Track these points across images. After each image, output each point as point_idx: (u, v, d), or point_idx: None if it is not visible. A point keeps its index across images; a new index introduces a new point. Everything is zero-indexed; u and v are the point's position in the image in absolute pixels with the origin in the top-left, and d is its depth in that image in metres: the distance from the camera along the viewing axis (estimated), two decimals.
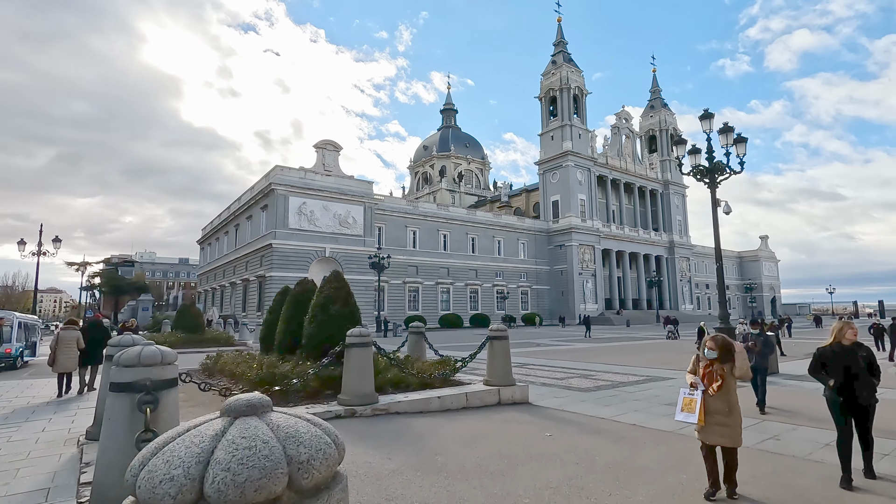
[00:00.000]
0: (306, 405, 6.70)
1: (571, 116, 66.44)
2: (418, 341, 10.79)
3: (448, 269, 55.88)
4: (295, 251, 41.65)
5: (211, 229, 64.13)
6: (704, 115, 11.72)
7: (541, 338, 30.90)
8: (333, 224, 44.06)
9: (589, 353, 19.37)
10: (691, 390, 4.16)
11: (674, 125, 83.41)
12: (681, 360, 15.65)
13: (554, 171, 66.81)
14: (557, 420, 6.92)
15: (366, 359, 6.72)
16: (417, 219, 54.03)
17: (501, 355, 8.26)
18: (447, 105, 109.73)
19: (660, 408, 7.81)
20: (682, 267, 79.79)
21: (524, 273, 63.07)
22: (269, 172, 42.80)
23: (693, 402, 4.10)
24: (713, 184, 11.69)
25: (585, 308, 62.09)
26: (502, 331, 8.34)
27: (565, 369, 13.41)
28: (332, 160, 45.02)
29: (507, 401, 8.05)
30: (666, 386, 10.19)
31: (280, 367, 7.46)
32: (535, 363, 15.27)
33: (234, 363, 9.23)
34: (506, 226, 62.14)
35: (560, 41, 71.91)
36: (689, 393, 4.17)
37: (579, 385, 10.39)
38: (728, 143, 11.18)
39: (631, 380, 11.17)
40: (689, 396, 4.16)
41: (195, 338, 21.94)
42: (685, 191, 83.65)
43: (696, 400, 4.08)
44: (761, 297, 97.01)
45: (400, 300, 51.81)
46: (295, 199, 42.07)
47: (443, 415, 7.04)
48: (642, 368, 13.52)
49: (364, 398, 6.62)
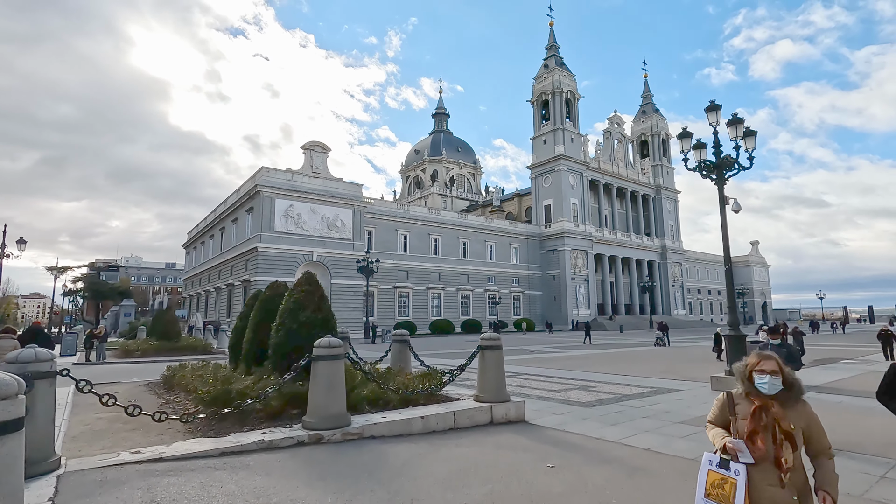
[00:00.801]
0: (265, 428, 5.68)
1: (564, 120, 66.01)
2: (402, 350, 9.79)
3: (439, 273, 54.89)
4: (281, 255, 40.45)
5: (197, 233, 62.66)
6: (710, 108, 10.91)
7: (534, 344, 29.98)
8: (321, 227, 42.95)
9: (585, 360, 18.48)
10: (726, 462, 2.32)
11: (665, 130, 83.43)
12: (683, 369, 14.79)
13: (546, 176, 66.25)
14: (559, 444, 5.97)
15: (336, 373, 5.73)
16: (408, 223, 53.04)
17: (494, 367, 7.30)
18: (439, 109, 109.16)
19: (673, 427, 6.89)
20: (675, 272, 79.50)
21: (516, 278, 62.25)
22: (255, 174, 41.65)
23: (729, 485, 2.26)
24: (721, 180, 10.87)
25: (578, 314, 61.38)
26: (494, 339, 7.39)
27: (562, 380, 12.47)
28: (321, 162, 43.97)
29: (501, 419, 7.08)
30: (674, 399, 9.28)
31: (237, 383, 6.43)
32: (530, 372, 14.32)
33: (192, 376, 8.17)
34: (498, 230, 61.35)
35: (552, 45, 71.64)
36: (722, 466, 2.33)
37: (579, 398, 9.46)
38: (738, 136, 10.36)
39: (634, 392, 10.26)
40: (723, 474, 2.31)
41: (170, 345, 20.72)
42: (677, 196, 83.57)
43: (737, 483, 2.24)
44: (752, 302, 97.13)
45: (390, 306, 50.70)
46: (281, 201, 40.93)
47: (427, 439, 6.06)
48: (644, 378, 12.63)
49: (333, 420, 5.62)
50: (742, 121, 10.37)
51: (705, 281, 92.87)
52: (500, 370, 7.37)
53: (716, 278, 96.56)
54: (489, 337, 7.42)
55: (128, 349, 20.74)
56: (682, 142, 11.21)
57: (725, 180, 10.91)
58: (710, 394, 9.84)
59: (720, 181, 10.89)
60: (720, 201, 10.89)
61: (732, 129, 10.44)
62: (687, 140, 11.12)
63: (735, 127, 10.42)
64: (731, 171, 10.89)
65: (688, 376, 13.00)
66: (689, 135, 11.16)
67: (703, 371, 14.13)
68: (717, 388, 10.22)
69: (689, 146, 11.13)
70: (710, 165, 10.95)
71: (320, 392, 5.62)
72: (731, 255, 10.82)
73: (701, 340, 33.10)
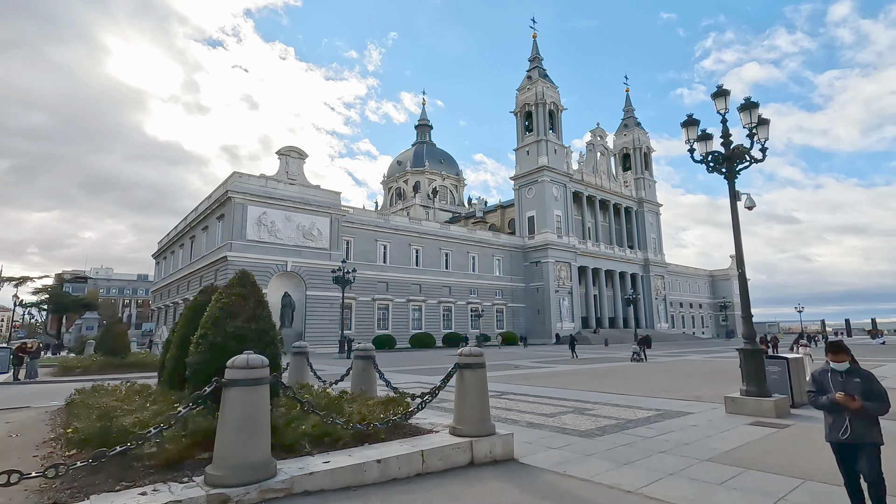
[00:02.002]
0: (153, 483, 4.01)
1: (547, 132, 65.58)
2: (366, 368, 8.15)
3: (420, 285, 53.22)
4: (252, 265, 38.28)
5: (167, 242, 59.97)
6: (718, 93, 9.72)
7: (518, 358, 28.46)
8: (297, 236, 41.03)
9: (575, 377, 17.01)
10: None
11: (647, 144, 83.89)
12: (684, 387, 13.43)
13: (530, 187, 65.49)
14: (564, 499, 4.44)
15: (255, 405, 4.12)
16: (388, 233, 51.41)
17: (476, 392, 5.76)
18: (422, 121, 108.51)
19: (703, 468, 5.41)
20: (657, 285, 79.24)
21: (499, 290, 60.90)
22: (227, 179, 39.67)
23: None
24: (731, 173, 9.63)
25: (562, 327, 60.20)
26: (476, 356, 5.85)
27: (554, 400, 10.96)
28: (297, 168, 42.23)
29: (484, 458, 5.53)
30: (688, 426, 7.84)
31: (121, 417, 4.75)
32: (517, 391, 12.79)
33: (94, 404, 6.41)
34: (480, 241, 60.09)
35: (535, 57, 71.57)
36: None
37: (577, 425, 7.95)
38: (751, 123, 9.15)
39: (639, 416, 8.80)
40: None
41: (116, 362, 18.61)
42: (659, 209, 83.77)
43: None
44: (733, 315, 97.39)
45: (369, 318, 48.74)
46: (254, 208, 38.97)
47: (384, 492, 4.47)
48: (644, 398, 11.20)
49: (249, 472, 4.00)
50: (756, 105, 9.18)
51: (687, 294, 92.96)
52: (483, 395, 5.82)
53: (697, 291, 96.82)
54: (470, 353, 5.88)
55: (68, 366, 18.58)
56: (686, 130, 9.96)
57: (737, 174, 9.68)
58: (726, 418, 8.44)
59: (731, 174, 9.65)
60: (731, 196, 9.63)
61: (745, 115, 9.23)
62: (692, 128, 9.89)
63: (748, 113, 9.22)
64: (742, 164, 9.66)
65: (692, 395, 11.62)
66: (694, 122, 9.93)
67: (708, 389, 12.78)
68: (733, 411, 8.84)
69: (694, 135, 9.89)
70: (719, 157, 9.71)
71: (231, 431, 4.00)
72: (742, 258, 9.52)
73: (690, 354, 32.02)
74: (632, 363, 23.53)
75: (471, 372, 5.78)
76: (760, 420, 8.14)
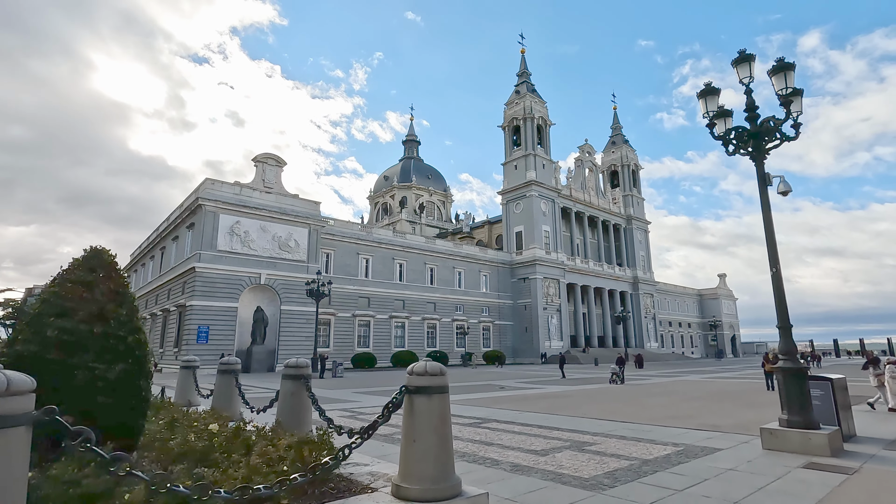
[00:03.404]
0: None
1: (535, 146, 64.62)
2: (297, 393, 6.10)
3: (404, 301, 51.02)
4: (223, 277, 35.96)
5: (138, 254, 57.17)
6: (741, 59, 8.09)
7: (505, 378, 26.36)
8: (272, 247, 38.80)
9: (567, 399, 15.04)
10: None
11: (635, 161, 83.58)
12: (693, 412, 11.53)
13: (517, 202, 64.16)
14: None
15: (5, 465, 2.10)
16: (371, 246, 49.36)
17: (431, 430, 3.79)
18: (409, 136, 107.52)
19: None
20: (647, 303, 77.88)
21: (486, 307, 58.89)
22: (199, 186, 37.48)
23: None
24: (760, 152, 7.94)
25: (550, 345, 58.21)
26: (435, 376, 3.90)
27: (545, 430, 8.98)
28: (274, 176, 40.24)
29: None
30: (724, 469, 5.92)
31: None
32: (500, 417, 10.79)
33: None
34: (467, 256, 58.27)
35: (524, 72, 71.10)
36: None
37: (577, 468, 5.99)
38: (786, 89, 7.49)
39: (655, 453, 6.87)
40: None
41: None
42: (647, 226, 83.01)
43: None
44: (722, 335, 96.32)
45: (349, 335, 46.28)
46: (227, 217, 36.75)
47: None
48: (653, 427, 9.28)
49: None
50: (791, 67, 7.54)
51: (676, 313, 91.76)
52: (443, 434, 3.85)
53: (685, 310, 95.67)
54: (425, 371, 3.91)
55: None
56: (704, 101, 8.30)
57: (766, 153, 7.99)
58: (767, 458, 6.54)
59: (759, 154, 7.96)
60: (760, 180, 7.92)
61: (778, 79, 7.59)
62: (712, 98, 8.23)
63: (781, 76, 7.57)
64: (772, 142, 7.99)
65: (707, 423, 9.73)
66: (714, 91, 8.28)
67: (723, 415, 10.89)
68: (772, 447, 6.96)
69: (714, 106, 8.23)
70: (744, 134, 8.02)
71: None
72: (776, 254, 7.77)
73: (685, 374, 30.24)
74: (625, 385, 21.61)
75: (425, 400, 3.82)
76: (813, 461, 6.26)
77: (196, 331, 34.09)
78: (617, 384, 21.48)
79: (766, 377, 19.28)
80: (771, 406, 11.47)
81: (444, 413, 3.90)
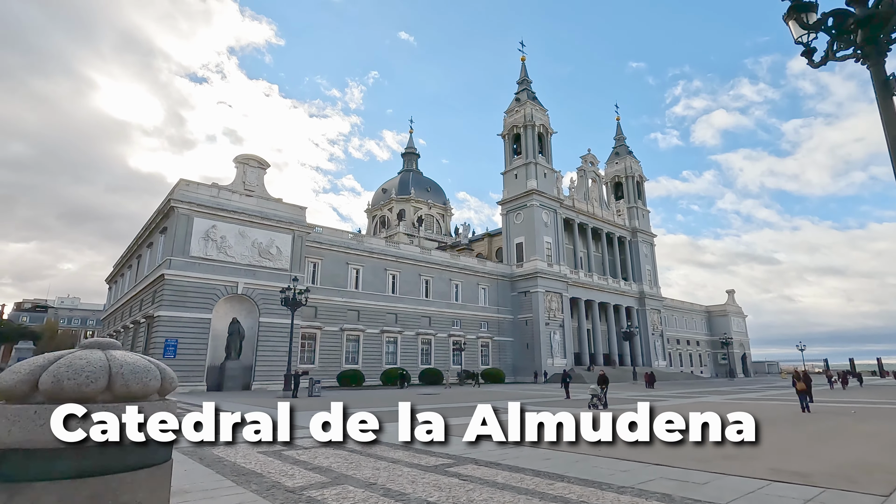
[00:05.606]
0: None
1: (536, 155, 62.16)
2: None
3: (396, 315, 47.87)
4: (195, 285, 33.00)
5: (119, 264, 54.35)
6: None
7: (503, 398, 23.17)
8: (251, 254, 35.92)
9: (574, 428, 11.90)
10: None
11: (639, 172, 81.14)
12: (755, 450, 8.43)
13: (518, 212, 61.41)
14: None
15: None
16: (362, 255, 46.45)
17: None
18: (409, 149, 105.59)
19: None
20: (654, 319, 74.44)
21: (485, 322, 55.63)
22: (173, 188, 34.82)
23: None
24: (880, 48, 5.07)
25: (553, 363, 54.75)
26: None
27: (545, 480, 5.95)
28: (256, 179, 37.61)
29: None
30: None
31: None
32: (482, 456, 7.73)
33: None
34: (464, 268, 55.25)
35: (524, 79, 69.15)
36: None
37: None
38: None
39: None
40: None
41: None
42: (653, 239, 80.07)
43: None
44: (732, 353, 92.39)
45: (336, 351, 43.03)
46: (202, 221, 33.98)
47: None
48: (703, 473, 6.22)
49: None
50: None
51: (684, 330, 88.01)
52: None
53: (693, 327, 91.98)
54: None
55: None
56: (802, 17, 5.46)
57: (888, 48, 5.12)
58: None
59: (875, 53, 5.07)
60: (879, 86, 5.02)
61: None
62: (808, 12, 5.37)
63: None
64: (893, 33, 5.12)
65: (784, 468, 6.67)
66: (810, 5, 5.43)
67: (797, 452, 7.78)
68: None
69: (813, 17, 5.36)
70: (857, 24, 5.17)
71: None
72: None
73: (703, 395, 26.97)
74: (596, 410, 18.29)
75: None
76: None
77: (163, 344, 31.01)
78: (599, 409, 16.72)
79: (801, 398, 17.09)
80: (842, 436, 8.40)
81: None
